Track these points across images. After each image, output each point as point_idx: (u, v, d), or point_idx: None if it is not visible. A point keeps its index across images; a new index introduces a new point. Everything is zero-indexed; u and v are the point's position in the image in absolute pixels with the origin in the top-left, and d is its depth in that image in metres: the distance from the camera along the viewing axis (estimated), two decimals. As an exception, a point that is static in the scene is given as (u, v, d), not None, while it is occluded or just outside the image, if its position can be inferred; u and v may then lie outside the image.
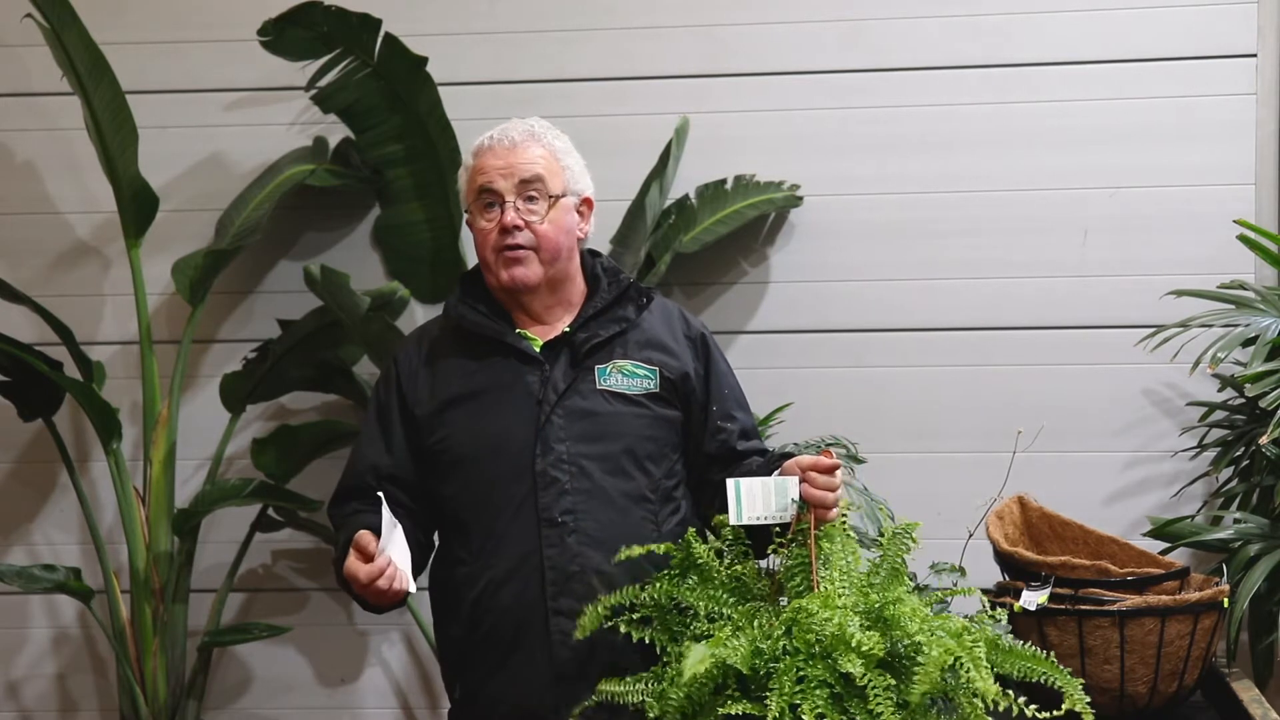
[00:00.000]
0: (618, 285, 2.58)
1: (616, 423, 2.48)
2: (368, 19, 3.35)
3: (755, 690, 2.10)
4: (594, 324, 2.53)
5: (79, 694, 3.84)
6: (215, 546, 3.73)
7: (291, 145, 3.68)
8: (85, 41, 3.26)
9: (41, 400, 3.56)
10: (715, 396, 2.57)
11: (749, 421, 2.63)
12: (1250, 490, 3.22)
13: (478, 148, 2.54)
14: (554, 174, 2.51)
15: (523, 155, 2.50)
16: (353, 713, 3.80)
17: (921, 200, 3.58)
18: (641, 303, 2.57)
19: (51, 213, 3.78)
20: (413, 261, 3.64)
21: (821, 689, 2.05)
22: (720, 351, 2.64)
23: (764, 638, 2.12)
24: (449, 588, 2.53)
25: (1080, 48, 3.54)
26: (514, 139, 2.51)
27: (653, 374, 2.52)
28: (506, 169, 2.49)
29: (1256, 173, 3.52)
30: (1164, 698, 2.79)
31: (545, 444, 2.45)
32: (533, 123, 2.56)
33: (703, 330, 2.63)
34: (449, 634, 2.56)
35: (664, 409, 2.53)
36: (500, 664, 2.47)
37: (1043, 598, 2.75)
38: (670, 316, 2.61)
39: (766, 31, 3.61)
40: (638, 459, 2.49)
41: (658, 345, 2.55)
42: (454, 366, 2.54)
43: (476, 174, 2.52)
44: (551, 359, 2.50)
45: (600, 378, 2.50)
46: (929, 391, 3.59)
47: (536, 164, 2.50)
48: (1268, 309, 3.15)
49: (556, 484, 2.44)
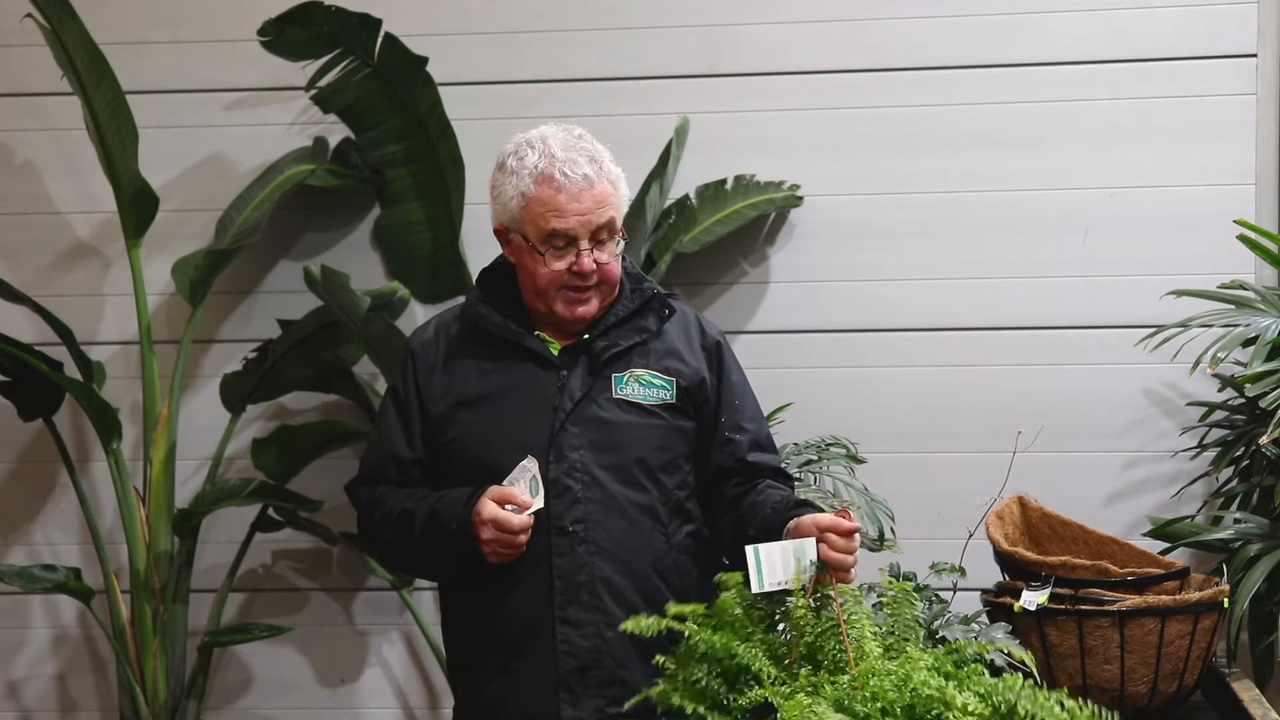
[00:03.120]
0: (641, 294, 2.54)
1: (631, 433, 2.47)
2: (368, 19, 3.35)
3: None
4: (614, 333, 2.51)
5: (79, 694, 3.84)
6: (215, 546, 3.73)
7: (291, 145, 3.68)
8: (85, 41, 3.26)
9: (41, 400, 3.56)
10: (725, 407, 2.55)
11: (762, 432, 2.61)
12: (1250, 490, 3.22)
13: (542, 176, 2.42)
14: (619, 211, 2.47)
15: (596, 197, 2.42)
16: (353, 713, 3.80)
17: (921, 200, 3.58)
18: (664, 314, 2.54)
19: (51, 213, 3.78)
20: (413, 261, 3.63)
21: None
22: (735, 360, 2.62)
23: (853, 700, 2.03)
24: (458, 589, 2.53)
25: (1080, 48, 3.54)
26: (587, 175, 2.42)
27: (669, 384, 2.51)
28: (584, 216, 2.41)
29: (1256, 173, 3.52)
30: (1164, 698, 2.79)
31: (559, 452, 2.44)
32: (592, 148, 2.47)
33: (718, 338, 2.60)
34: (455, 635, 2.56)
35: (679, 419, 2.52)
36: (504, 669, 2.46)
37: (1043, 598, 2.75)
38: (688, 324, 2.58)
39: (766, 31, 3.61)
40: (650, 470, 2.48)
41: (675, 354, 2.53)
42: (470, 366, 2.52)
43: (549, 213, 2.42)
44: (569, 365, 2.49)
45: (617, 386, 2.48)
46: (929, 391, 3.59)
47: (609, 207, 2.44)
48: (1268, 309, 3.15)
49: (569, 492, 2.43)
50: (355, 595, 3.78)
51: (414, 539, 2.46)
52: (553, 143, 2.45)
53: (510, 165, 2.47)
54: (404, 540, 2.49)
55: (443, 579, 2.61)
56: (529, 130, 2.51)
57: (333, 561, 3.77)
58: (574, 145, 2.46)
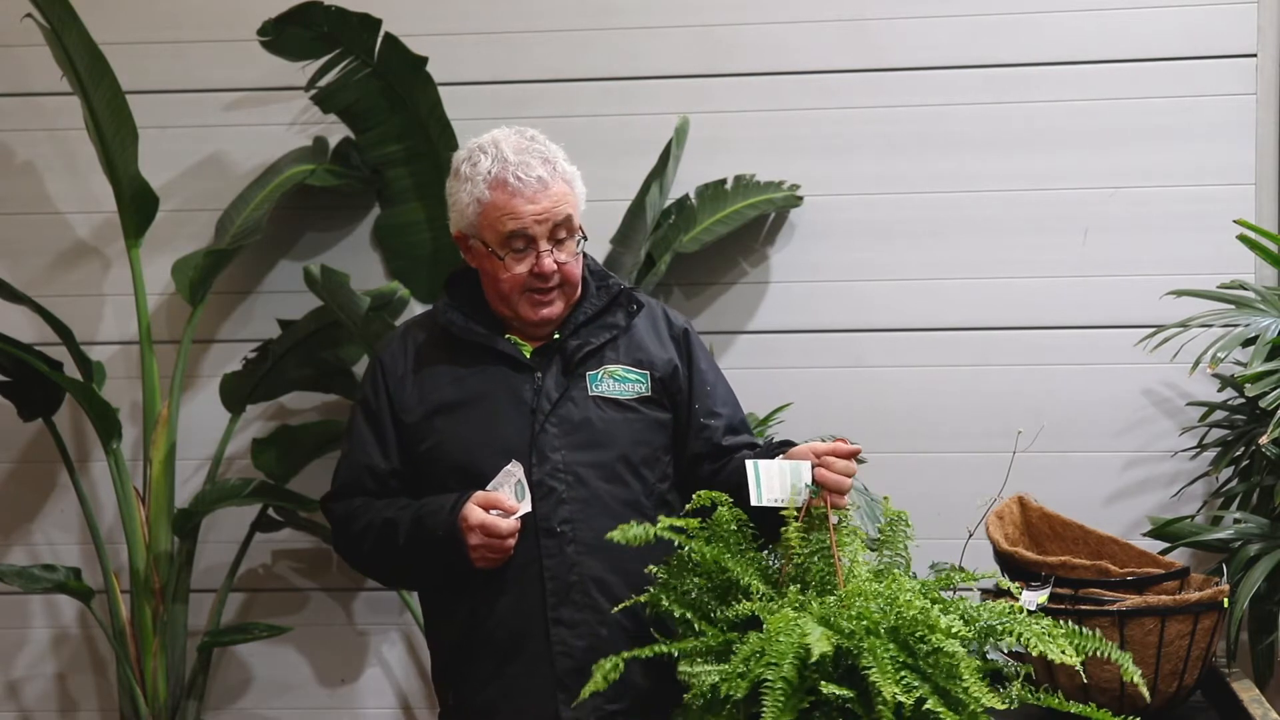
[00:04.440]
0: (607, 291, 2.56)
1: (610, 429, 2.48)
2: (368, 19, 3.36)
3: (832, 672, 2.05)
4: (584, 331, 2.52)
5: (79, 694, 3.85)
6: (215, 546, 3.73)
7: (291, 145, 3.68)
8: (85, 41, 3.26)
9: (41, 400, 3.56)
10: (698, 394, 2.56)
11: (736, 417, 2.61)
12: (1250, 490, 3.22)
13: (496, 180, 2.43)
14: (575, 209, 2.47)
15: (551, 196, 2.43)
16: (353, 713, 3.80)
17: (921, 200, 3.58)
18: (631, 309, 2.55)
19: (51, 213, 3.78)
20: (413, 261, 3.64)
21: (905, 669, 2.02)
22: (703, 348, 2.63)
23: (840, 618, 2.07)
24: (444, 595, 2.52)
25: (1080, 48, 3.54)
26: (541, 177, 2.43)
27: (644, 378, 2.52)
28: (541, 216, 2.42)
29: (1256, 173, 3.52)
30: (1164, 698, 2.79)
31: (541, 453, 2.44)
32: (545, 149, 2.47)
33: (685, 326, 2.62)
34: (443, 641, 2.55)
35: (656, 411, 2.53)
36: (496, 673, 2.46)
37: (1043, 598, 2.75)
38: (655, 316, 2.60)
39: (766, 31, 3.61)
40: (633, 465, 2.49)
41: (646, 347, 2.54)
42: (443, 373, 2.51)
43: (505, 217, 2.42)
44: (543, 366, 2.49)
45: (592, 384, 2.49)
46: (929, 391, 3.59)
47: (565, 205, 2.44)
48: (1268, 309, 3.15)
49: (554, 493, 2.43)
50: (355, 595, 3.78)
51: (398, 548, 2.45)
52: (505, 146, 2.45)
53: (465, 172, 2.47)
54: (387, 550, 2.47)
55: (426, 587, 2.59)
56: (481, 135, 2.51)
57: (333, 561, 3.77)
58: (526, 148, 2.46)
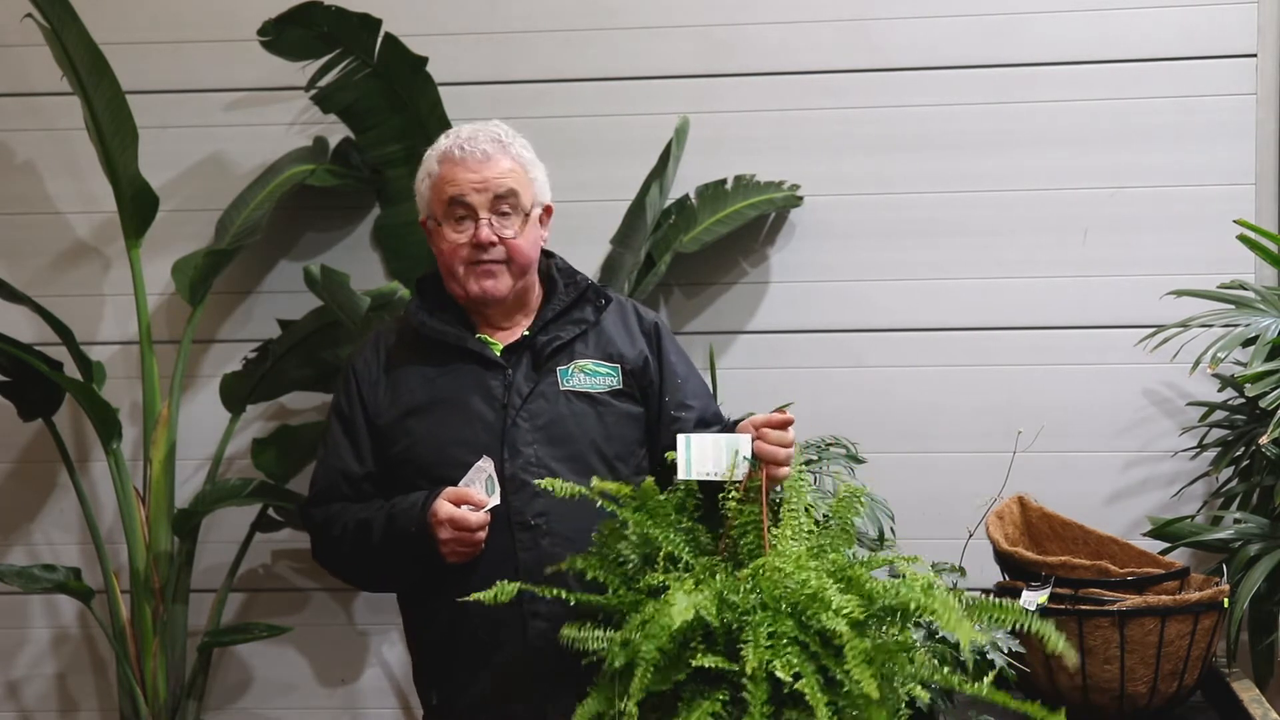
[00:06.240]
0: (575, 287, 2.59)
1: (582, 423, 2.50)
2: (368, 19, 3.36)
3: (721, 645, 2.07)
4: (553, 326, 2.54)
5: (79, 694, 3.85)
6: (215, 546, 3.73)
7: (291, 145, 3.68)
8: (85, 41, 3.26)
9: (41, 400, 3.56)
10: (668, 387, 2.58)
11: (709, 409, 2.63)
12: (1250, 490, 3.22)
13: (444, 155, 2.51)
14: (525, 187, 2.51)
15: (496, 169, 2.48)
16: (353, 713, 3.80)
17: (921, 200, 3.58)
18: (600, 304, 2.58)
19: (51, 213, 3.78)
20: (413, 261, 3.63)
21: (792, 646, 2.04)
22: (674, 342, 2.65)
23: (732, 591, 2.10)
24: (423, 594, 2.53)
25: (1080, 48, 3.54)
26: (486, 151, 2.48)
27: (614, 371, 2.54)
28: (481, 184, 2.47)
29: (1256, 173, 3.52)
30: (1164, 698, 2.79)
31: (513, 448, 2.46)
32: (497, 129, 2.54)
33: (656, 321, 2.64)
34: (425, 640, 2.56)
35: (628, 404, 2.55)
36: (478, 669, 2.47)
37: (1043, 598, 2.75)
38: (625, 312, 2.63)
39: (766, 31, 3.61)
40: (606, 458, 2.50)
41: (616, 341, 2.57)
42: (414, 374, 2.53)
43: (445, 184, 2.49)
44: (513, 363, 2.51)
45: (563, 379, 2.51)
46: (929, 391, 3.59)
47: (509, 178, 2.49)
48: (1268, 309, 3.15)
49: (527, 487, 2.44)
50: (355, 595, 3.78)
51: (373, 547, 2.46)
52: (463, 130, 2.54)
53: (426, 157, 2.56)
54: (363, 551, 2.49)
55: (404, 587, 2.60)
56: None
57: (333, 561, 3.77)
58: (481, 130, 2.53)
